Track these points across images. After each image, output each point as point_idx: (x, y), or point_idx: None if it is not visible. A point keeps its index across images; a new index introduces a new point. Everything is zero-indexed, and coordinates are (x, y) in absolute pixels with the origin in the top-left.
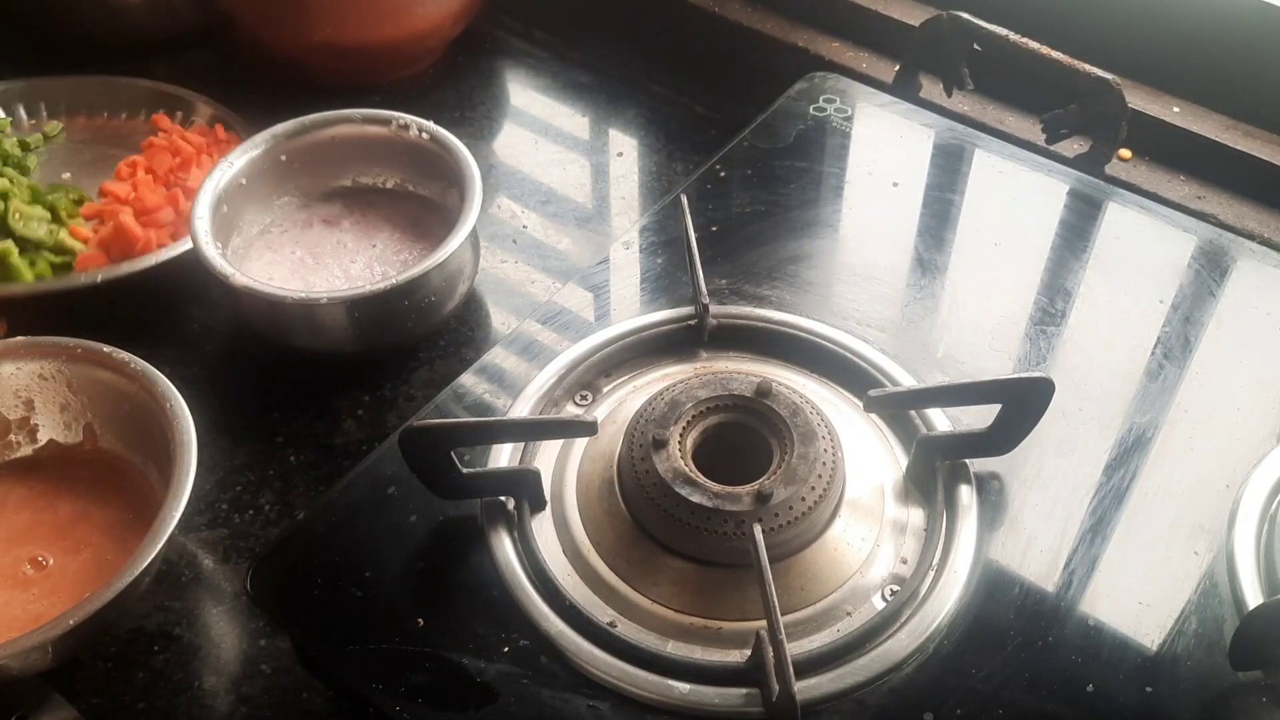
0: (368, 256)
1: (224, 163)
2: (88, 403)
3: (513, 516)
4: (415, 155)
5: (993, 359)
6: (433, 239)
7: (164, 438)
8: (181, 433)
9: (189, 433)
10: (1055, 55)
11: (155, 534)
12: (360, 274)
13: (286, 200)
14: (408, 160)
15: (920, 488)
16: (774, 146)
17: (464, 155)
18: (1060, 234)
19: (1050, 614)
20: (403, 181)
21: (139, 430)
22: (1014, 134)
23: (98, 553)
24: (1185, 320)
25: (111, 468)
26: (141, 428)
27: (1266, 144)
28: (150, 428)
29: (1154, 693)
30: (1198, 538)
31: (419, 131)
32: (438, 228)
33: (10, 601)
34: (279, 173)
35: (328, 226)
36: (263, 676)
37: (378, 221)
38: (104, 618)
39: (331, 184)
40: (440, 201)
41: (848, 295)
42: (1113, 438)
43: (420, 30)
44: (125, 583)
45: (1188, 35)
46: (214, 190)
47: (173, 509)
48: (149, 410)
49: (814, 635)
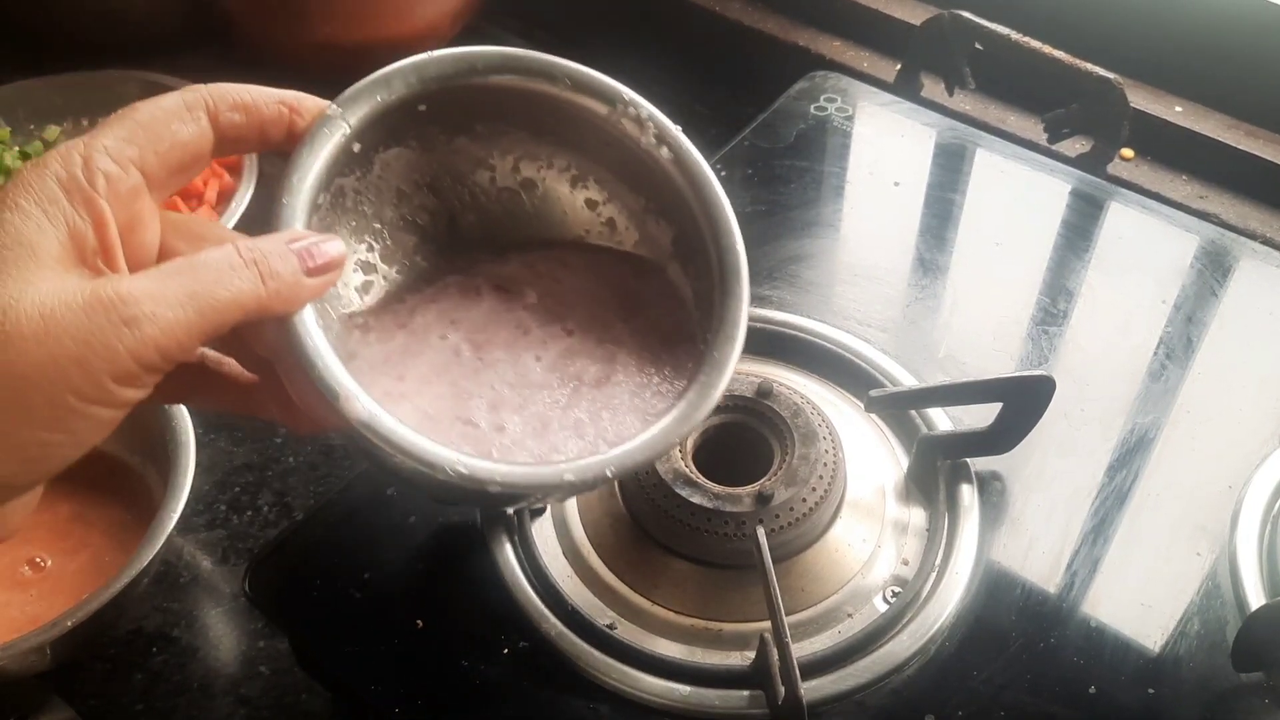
0: (555, 353)
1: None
2: None
3: (512, 518)
4: (638, 175)
5: (994, 359)
6: (657, 342)
7: (162, 438)
8: (180, 433)
9: (187, 433)
10: (1057, 54)
11: (153, 535)
12: (544, 398)
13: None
14: (625, 179)
15: (922, 488)
16: (775, 146)
17: (717, 198)
18: (1062, 234)
19: (1052, 615)
20: (613, 213)
21: (138, 431)
22: (1016, 133)
23: (96, 554)
24: (1187, 320)
25: (110, 469)
26: (140, 428)
27: (1269, 143)
28: (149, 428)
29: (1156, 694)
30: (1200, 539)
31: (655, 138)
32: (662, 315)
33: (9, 603)
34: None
35: (502, 298)
36: (261, 678)
37: (572, 284)
38: (102, 619)
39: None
40: (660, 265)
41: (849, 295)
42: (1115, 438)
43: (420, 30)
44: (123, 584)
45: (1190, 35)
46: (310, 182)
47: (171, 510)
48: (147, 410)
49: (815, 637)
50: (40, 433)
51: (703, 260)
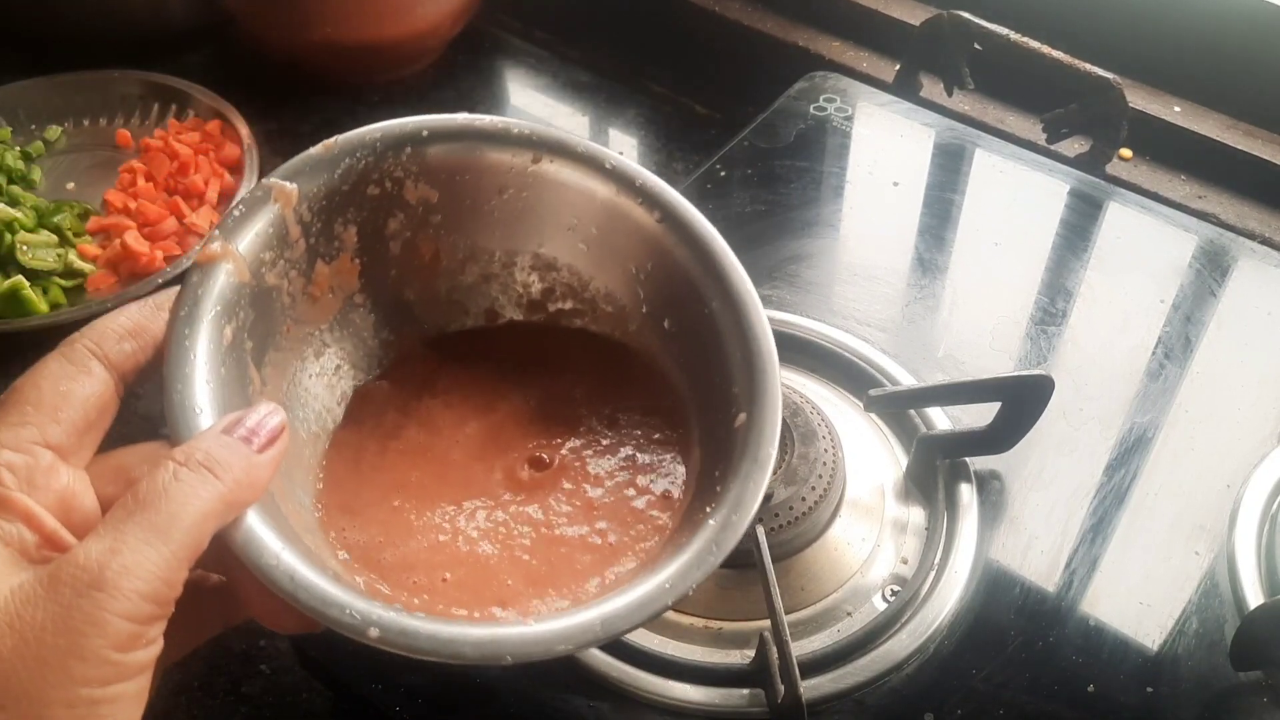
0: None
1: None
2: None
3: None
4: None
5: (993, 358)
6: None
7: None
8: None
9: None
10: (1056, 55)
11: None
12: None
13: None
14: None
15: (921, 487)
16: (774, 146)
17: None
18: (1061, 233)
19: (1051, 614)
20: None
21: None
22: (1015, 133)
23: None
24: (1186, 320)
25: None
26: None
27: (1267, 143)
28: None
29: (1155, 693)
30: (1198, 538)
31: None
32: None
33: None
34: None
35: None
36: (262, 677)
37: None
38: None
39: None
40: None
41: (848, 295)
42: (1113, 437)
43: (420, 29)
44: None
45: (1189, 34)
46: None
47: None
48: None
49: (814, 635)
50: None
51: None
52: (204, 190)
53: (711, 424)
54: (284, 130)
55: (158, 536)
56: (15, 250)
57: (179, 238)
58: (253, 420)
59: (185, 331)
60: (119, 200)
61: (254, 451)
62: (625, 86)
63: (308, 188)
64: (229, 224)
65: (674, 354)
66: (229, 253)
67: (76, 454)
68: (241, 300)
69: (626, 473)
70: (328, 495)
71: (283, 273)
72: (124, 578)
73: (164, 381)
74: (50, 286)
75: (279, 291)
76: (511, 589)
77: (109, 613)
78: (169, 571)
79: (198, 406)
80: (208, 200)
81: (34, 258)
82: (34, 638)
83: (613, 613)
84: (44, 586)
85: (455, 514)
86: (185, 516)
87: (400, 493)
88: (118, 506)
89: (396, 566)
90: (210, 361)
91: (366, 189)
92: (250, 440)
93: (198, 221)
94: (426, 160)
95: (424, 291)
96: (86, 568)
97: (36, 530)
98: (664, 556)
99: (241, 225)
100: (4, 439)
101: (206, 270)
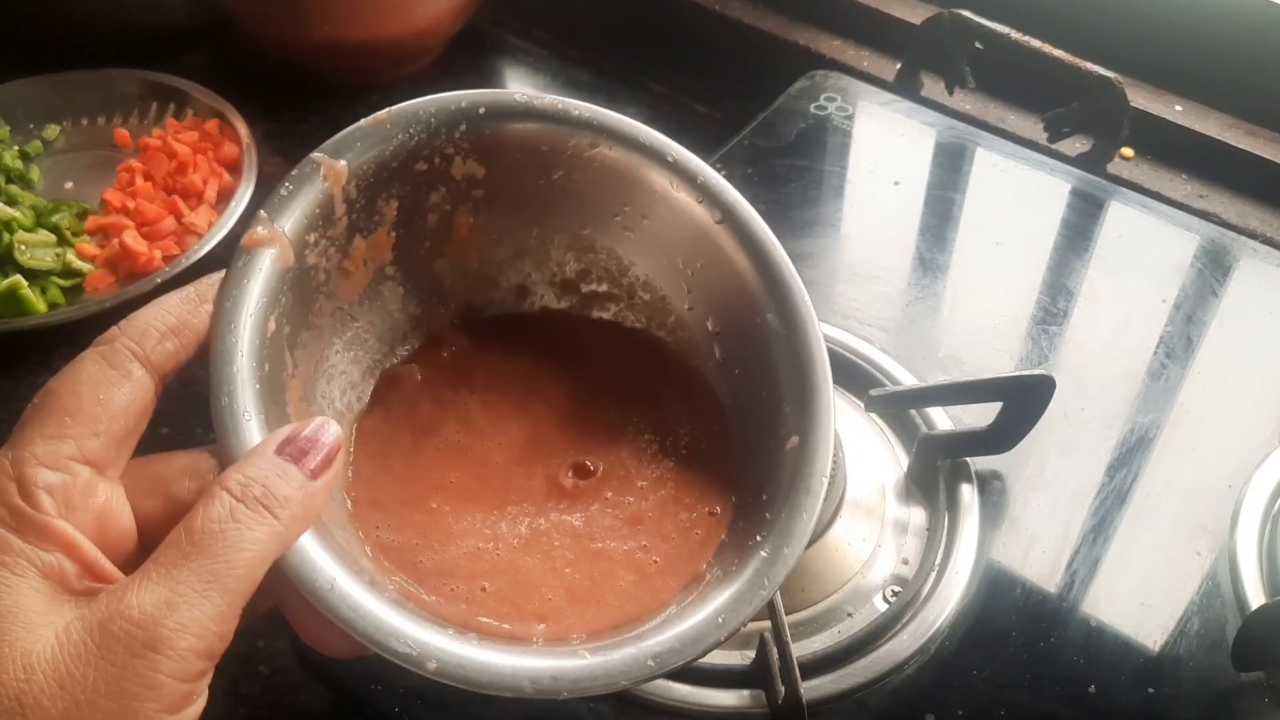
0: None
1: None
2: None
3: None
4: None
5: (994, 358)
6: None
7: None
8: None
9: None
10: (1057, 53)
11: None
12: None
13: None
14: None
15: (922, 488)
16: (775, 145)
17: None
18: (1062, 233)
19: (1052, 615)
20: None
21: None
22: (1016, 132)
23: None
24: (1188, 320)
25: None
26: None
27: (1269, 142)
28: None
29: (1156, 693)
30: (1200, 538)
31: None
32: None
33: None
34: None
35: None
36: (261, 677)
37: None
38: None
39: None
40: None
41: (849, 294)
42: (1115, 437)
43: (419, 28)
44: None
45: (1190, 33)
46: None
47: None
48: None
49: (815, 636)
50: None
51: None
52: (203, 190)
53: (757, 438)
54: (283, 129)
55: (214, 587)
56: (13, 250)
57: (177, 237)
58: (307, 436)
59: (231, 326)
60: (117, 200)
61: (308, 478)
62: (625, 86)
63: (357, 163)
64: (275, 203)
65: (716, 357)
66: (276, 237)
67: (114, 465)
68: (285, 286)
69: (669, 485)
70: (358, 488)
71: (323, 251)
72: (180, 636)
73: (210, 383)
74: (48, 286)
75: (316, 270)
76: (552, 604)
77: (164, 675)
78: (224, 625)
79: (246, 412)
80: (206, 199)
81: (32, 257)
82: (87, 700)
83: (667, 649)
84: (95, 642)
85: (496, 520)
86: (242, 563)
87: (438, 494)
88: (170, 546)
89: (433, 572)
90: (256, 358)
91: (415, 165)
92: (303, 461)
93: (196, 221)
94: (481, 138)
95: (455, 264)
96: (141, 624)
97: (77, 560)
98: (711, 584)
99: (288, 205)
100: (41, 455)
101: (252, 255)
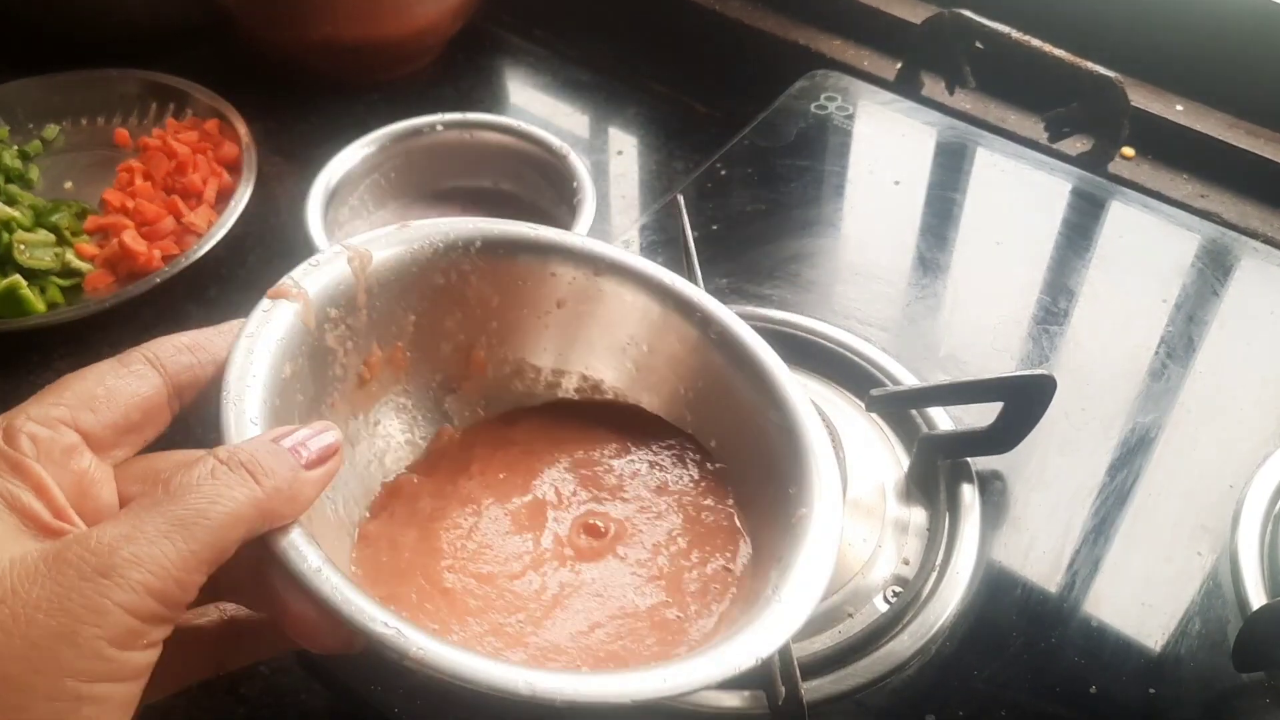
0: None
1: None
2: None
3: None
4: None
5: (995, 358)
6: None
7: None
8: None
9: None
10: (1057, 53)
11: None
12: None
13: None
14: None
15: (922, 488)
16: (775, 145)
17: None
18: (1063, 233)
19: (1053, 615)
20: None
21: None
22: (1016, 132)
23: None
24: (1188, 319)
25: None
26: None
27: (1270, 142)
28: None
29: (1157, 694)
30: (1201, 538)
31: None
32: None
33: None
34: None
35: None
36: (261, 677)
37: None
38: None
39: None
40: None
41: (849, 294)
42: (1116, 437)
43: (419, 28)
44: None
45: (1191, 33)
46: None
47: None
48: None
49: (816, 636)
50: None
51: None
52: (202, 189)
53: (763, 508)
54: (283, 129)
55: (179, 531)
56: (13, 249)
57: (177, 237)
58: (305, 434)
59: (249, 347)
60: (117, 199)
61: (301, 466)
62: (625, 85)
63: (380, 257)
64: (302, 270)
65: (715, 454)
66: (300, 294)
67: (110, 451)
68: (302, 347)
69: (680, 541)
70: (368, 588)
71: (342, 338)
72: (133, 568)
73: (221, 384)
74: (48, 286)
75: (334, 357)
76: (579, 668)
77: (110, 601)
78: (184, 571)
79: (252, 416)
80: (206, 199)
81: (31, 257)
82: (26, 616)
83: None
84: (47, 564)
85: (514, 592)
86: (213, 515)
87: (454, 572)
88: (144, 495)
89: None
90: (269, 385)
91: (434, 277)
92: (299, 453)
93: (196, 221)
94: (492, 260)
95: (464, 396)
96: (96, 551)
97: (46, 502)
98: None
99: (313, 274)
100: (32, 413)
101: (276, 304)
